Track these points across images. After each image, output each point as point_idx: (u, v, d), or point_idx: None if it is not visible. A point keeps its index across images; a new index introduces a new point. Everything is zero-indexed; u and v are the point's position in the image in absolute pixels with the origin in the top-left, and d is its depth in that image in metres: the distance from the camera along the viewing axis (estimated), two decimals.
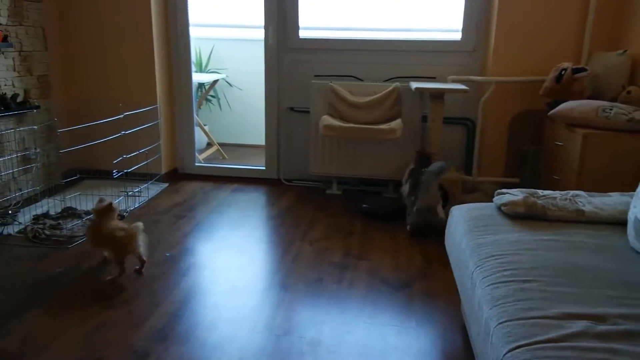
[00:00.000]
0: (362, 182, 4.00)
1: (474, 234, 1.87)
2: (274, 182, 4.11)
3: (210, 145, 4.93)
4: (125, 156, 3.26)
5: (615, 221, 1.92)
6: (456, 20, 3.66)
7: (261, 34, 3.90)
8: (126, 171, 3.30)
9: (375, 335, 2.07)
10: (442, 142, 3.45)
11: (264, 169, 4.17)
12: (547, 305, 1.37)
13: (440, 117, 3.34)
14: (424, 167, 3.07)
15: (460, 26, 3.64)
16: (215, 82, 4.98)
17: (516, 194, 2.04)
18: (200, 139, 4.77)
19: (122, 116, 3.32)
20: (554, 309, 1.35)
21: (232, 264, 2.69)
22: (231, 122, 5.34)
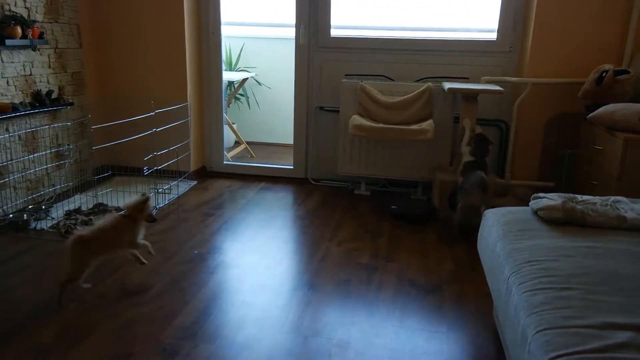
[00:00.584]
0: (390, 183, 3.95)
1: (509, 239, 1.82)
2: (301, 181, 4.10)
3: (238, 143, 4.95)
4: (155, 153, 3.28)
5: None
6: (492, 20, 3.58)
7: (292, 33, 3.89)
8: (156, 168, 3.33)
9: (404, 339, 2.04)
10: None
11: (292, 168, 4.16)
12: (588, 314, 1.32)
13: (473, 119, 3.28)
14: (482, 152, 3.07)
15: (495, 26, 3.57)
16: (244, 80, 4.99)
17: (554, 199, 1.98)
18: (228, 137, 4.79)
19: (153, 113, 3.34)
20: (595, 318, 1.30)
21: (259, 263, 2.68)
22: (260, 121, 5.35)
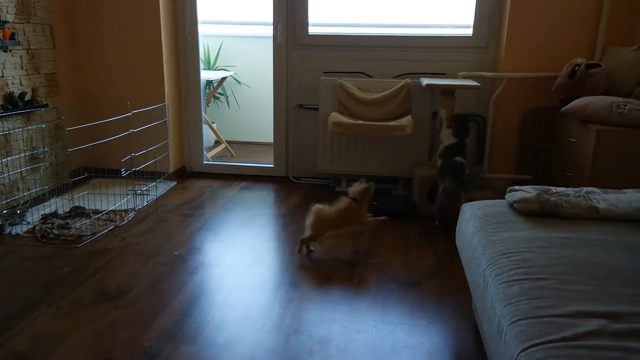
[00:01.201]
0: (371, 180, 3.95)
1: (486, 232, 1.84)
2: (282, 179, 4.09)
3: (218, 143, 4.92)
4: (133, 154, 3.25)
5: (630, 218, 1.88)
6: (467, 16, 3.62)
7: (270, 31, 3.88)
8: (134, 169, 3.29)
9: (385, 334, 2.05)
10: None
11: (272, 166, 4.15)
12: (561, 303, 1.35)
13: (450, 114, 3.31)
14: (464, 132, 3.12)
15: (471, 22, 3.60)
16: (223, 79, 4.97)
17: (529, 191, 2.00)
18: (208, 136, 4.76)
19: (130, 114, 3.31)
20: (568, 307, 1.33)
21: (240, 263, 2.67)
22: (239, 120, 5.33)
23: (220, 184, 3.99)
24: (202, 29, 4.03)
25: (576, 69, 2.99)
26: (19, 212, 3.18)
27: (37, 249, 2.79)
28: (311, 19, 3.80)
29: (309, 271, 2.58)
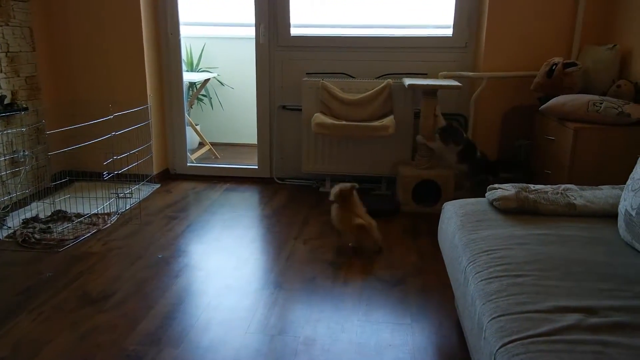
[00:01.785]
0: (355, 180, 3.97)
1: (467, 230, 1.87)
2: (267, 181, 4.09)
3: (202, 145, 4.91)
4: (115, 157, 3.23)
5: (606, 214, 1.92)
6: (447, 16, 3.65)
7: (252, 32, 3.88)
8: (117, 172, 3.27)
9: (370, 332, 2.07)
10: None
11: (256, 168, 4.15)
12: (539, 299, 1.37)
13: (432, 114, 3.34)
14: (459, 138, 3.26)
15: (451, 22, 3.64)
16: (206, 81, 4.95)
17: (508, 189, 2.03)
18: (192, 138, 4.74)
19: (112, 117, 3.29)
20: (546, 302, 1.35)
21: (225, 265, 2.67)
22: (223, 122, 5.31)
23: (204, 186, 3.98)
24: (184, 31, 4.02)
25: (553, 67, 3.04)
26: None
27: (18, 254, 2.76)
28: (293, 19, 3.81)
29: (293, 272, 2.59)
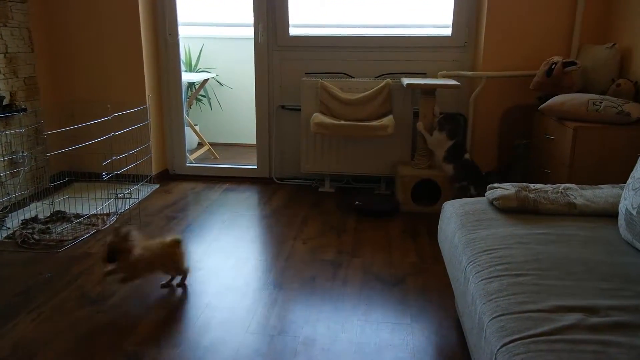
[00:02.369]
0: (354, 180, 3.99)
1: (467, 229, 1.86)
2: (266, 181, 4.09)
3: (201, 145, 4.90)
4: (114, 158, 3.22)
5: (606, 213, 1.92)
6: (446, 15, 3.65)
7: (251, 32, 3.87)
8: (116, 173, 3.26)
9: (369, 332, 2.06)
10: None
11: (255, 168, 4.15)
12: (540, 298, 1.37)
13: (430, 113, 3.34)
14: (456, 131, 3.24)
15: (450, 22, 3.64)
16: (205, 81, 4.94)
17: (508, 188, 2.03)
18: (191, 139, 4.74)
19: (110, 117, 3.28)
20: (547, 302, 1.35)
21: (224, 265, 2.67)
22: (222, 122, 5.31)
23: (203, 186, 3.98)
24: (183, 31, 4.01)
25: (553, 67, 3.04)
26: None
27: (17, 254, 2.75)
28: (292, 19, 3.80)
29: (293, 271, 2.58)
